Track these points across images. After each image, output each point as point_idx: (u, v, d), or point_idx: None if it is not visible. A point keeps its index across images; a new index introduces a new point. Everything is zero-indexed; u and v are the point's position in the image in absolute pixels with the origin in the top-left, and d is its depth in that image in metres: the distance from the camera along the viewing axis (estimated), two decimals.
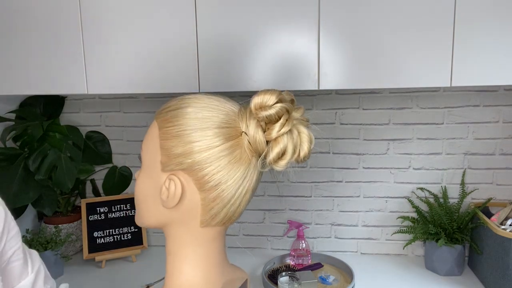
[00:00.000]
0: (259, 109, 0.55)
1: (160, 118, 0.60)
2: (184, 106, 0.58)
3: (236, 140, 0.57)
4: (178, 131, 0.57)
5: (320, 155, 1.63)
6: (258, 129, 0.56)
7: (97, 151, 1.67)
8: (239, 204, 0.59)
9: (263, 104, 0.55)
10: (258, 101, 0.55)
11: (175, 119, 0.58)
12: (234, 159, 0.56)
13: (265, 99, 0.55)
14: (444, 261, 1.45)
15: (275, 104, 0.55)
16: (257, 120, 0.56)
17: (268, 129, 0.56)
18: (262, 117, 0.55)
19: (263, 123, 0.56)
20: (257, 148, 0.56)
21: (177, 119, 0.57)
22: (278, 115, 0.55)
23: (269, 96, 0.55)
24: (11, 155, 1.48)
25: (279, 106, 0.55)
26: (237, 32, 1.21)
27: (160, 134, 0.59)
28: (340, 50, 1.18)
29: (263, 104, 0.55)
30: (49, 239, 1.48)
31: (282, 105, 0.55)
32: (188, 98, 0.60)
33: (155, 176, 0.60)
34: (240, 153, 0.57)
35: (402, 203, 1.61)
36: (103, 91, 1.29)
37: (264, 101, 0.55)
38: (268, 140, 0.56)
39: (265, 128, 0.56)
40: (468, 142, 1.54)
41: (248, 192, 0.59)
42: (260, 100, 0.55)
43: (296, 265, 1.55)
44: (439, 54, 1.14)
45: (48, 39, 1.28)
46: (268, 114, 0.55)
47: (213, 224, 0.60)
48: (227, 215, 0.59)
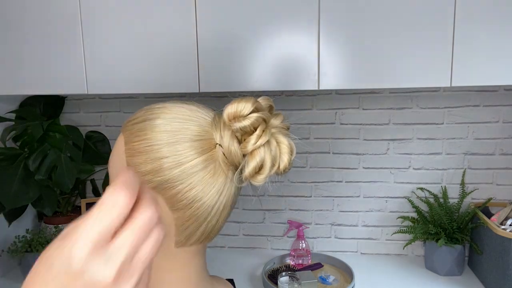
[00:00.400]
0: (232, 120, 0.50)
1: (126, 132, 0.54)
2: (152, 118, 0.53)
3: (210, 153, 0.52)
4: (146, 146, 0.51)
5: (320, 155, 1.63)
6: (234, 140, 0.51)
7: (97, 151, 1.67)
8: (216, 221, 0.55)
9: (237, 114, 0.50)
10: (231, 110, 0.50)
11: (142, 132, 0.52)
12: (209, 174, 0.51)
13: (239, 108, 0.50)
14: (444, 261, 1.45)
15: (250, 114, 0.50)
16: (232, 130, 0.51)
17: (244, 140, 0.51)
18: (236, 129, 0.50)
19: (238, 134, 0.51)
20: (233, 161, 0.51)
21: (144, 132, 0.52)
22: (254, 126, 0.50)
23: (243, 104, 0.50)
24: (11, 155, 1.48)
25: (255, 117, 0.50)
26: (237, 32, 1.21)
27: (126, 149, 0.53)
28: (340, 50, 1.18)
29: (237, 114, 0.50)
30: (49, 239, 1.48)
31: (258, 114, 0.50)
32: (157, 108, 0.54)
33: None
34: (215, 167, 0.52)
35: (402, 203, 1.61)
36: (103, 91, 1.29)
37: (238, 111, 0.50)
38: (244, 153, 0.51)
39: (241, 139, 0.52)
40: (468, 142, 1.54)
41: (226, 208, 0.55)
42: (233, 110, 0.50)
43: (296, 265, 1.55)
44: (439, 54, 1.14)
45: (48, 39, 1.28)
46: (243, 125, 0.50)
47: (190, 244, 0.55)
48: (204, 234, 0.55)
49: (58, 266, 0.30)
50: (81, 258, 0.30)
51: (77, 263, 0.30)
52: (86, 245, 0.30)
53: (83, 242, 0.30)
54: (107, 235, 0.31)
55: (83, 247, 0.30)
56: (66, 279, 0.30)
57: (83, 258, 0.30)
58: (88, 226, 0.30)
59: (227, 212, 0.56)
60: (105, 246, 0.31)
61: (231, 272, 1.54)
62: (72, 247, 0.30)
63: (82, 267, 0.30)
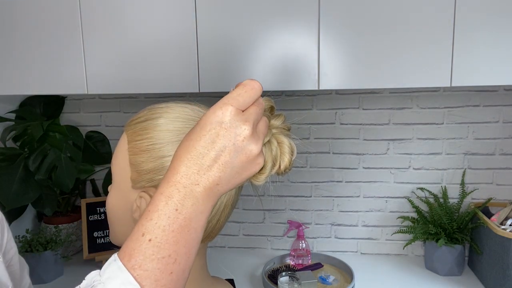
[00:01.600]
0: None
1: (129, 131, 0.55)
2: (155, 117, 0.54)
3: None
4: (148, 145, 0.52)
5: (320, 155, 1.63)
6: None
7: (97, 151, 1.67)
8: (217, 220, 0.55)
9: None
10: None
11: (145, 131, 0.53)
12: None
13: None
14: (444, 261, 1.45)
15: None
16: None
17: None
18: None
19: None
20: None
21: (147, 131, 0.53)
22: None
23: None
24: (11, 155, 1.48)
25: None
26: (237, 32, 1.21)
27: (129, 148, 0.54)
28: (340, 50, 1.18)
29: None
30: (49, 239, 1.48)
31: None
32: (160, 108, 0.55)
33: (125, 194, 0.55)
34: None
35: (402, 203, 1.61)
36: (103, 91, 1.29)
37: None
38: None
39: None
40: (468, 142, 1.54)
41: (227, 207, 0.55)
42: None
43: (296, 265, 1.55)
44: (439, 54, 1.14)
45: (48, 39, 1.28)
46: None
47: None
48: (205, 232, 0.55)
49: (213, 121, 0.42)
50: (230, 116, 0.42)
51: (228, 118, 0.42)
52: (233, 109, 0.42)
53: (231, 106, 0.43)
54: (245, 106, 0.44)
55: (232, 110, 0.42)
56: (219, 129, 0.42)
57: (231, 116, 0.42)
58: (234, 97, 0.43)
59: (228, 212, 0.56)
60: (242, 112, 0.43)
61: (231, 272, 1.54)
62: (222, 108, 0.42)
63: (230, 121, 0.42)
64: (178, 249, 0.41)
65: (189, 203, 0.41)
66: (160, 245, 0.40)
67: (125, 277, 0.39)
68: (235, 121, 0.42)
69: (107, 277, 0.40)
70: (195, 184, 0.42)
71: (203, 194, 0.42)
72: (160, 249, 0.40)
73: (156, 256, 0.40)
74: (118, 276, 0.39)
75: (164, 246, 0.40)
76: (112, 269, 0.40)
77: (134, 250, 0.40)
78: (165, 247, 0.40)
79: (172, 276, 0.41)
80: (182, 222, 0.41)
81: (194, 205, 0.42)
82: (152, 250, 0.40)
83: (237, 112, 0.43)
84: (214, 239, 0.56)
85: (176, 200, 0.41)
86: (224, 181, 0.43)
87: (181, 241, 0.41)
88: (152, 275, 0.40)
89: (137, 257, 0.40)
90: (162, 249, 0.40)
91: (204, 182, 0.42)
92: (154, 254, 0.40)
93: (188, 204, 0.41)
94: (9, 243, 0.73)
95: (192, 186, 0.42)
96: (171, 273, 0.41)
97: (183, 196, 0.41)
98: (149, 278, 0.40)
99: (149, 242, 0.40)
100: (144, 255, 0.40)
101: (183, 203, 0.41)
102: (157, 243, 0.40)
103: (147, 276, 0.40)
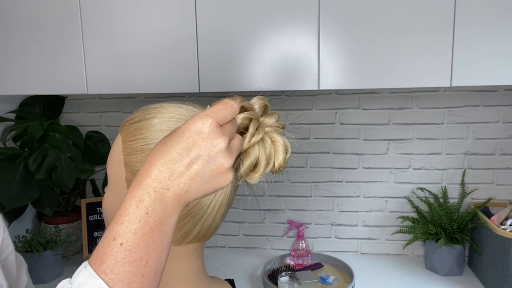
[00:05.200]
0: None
1: (123, 131, 0.55)
2: (148, 117, 0.54)
3: None
4: (142, 145, 0.52)
5: (320, 155, 1.63)
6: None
7: (97, 151, 1.67)
8: (213, 220, 0.55)
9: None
10: None
11: (139, 132, 0.53)
12: None
13: None
14: (444, 261, 1.45)
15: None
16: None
17: None
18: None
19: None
20: None
21: (141, 132, 0.53)
22: (242, 127, 0.50)
23: None
24: (11, 155, 1.48)
25: (240, 118, 0.50)
26: (237, 32, 1.21)
27: (123, 149, 0.54)
28: (340, 50, 1.18)
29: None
30: (49, 239, 1.48)
31: (244, 115, 0.50)
32: (154, 108, 0.55)
33: (121, 194, 0.55)
34: None
35: (402, 203, 1.61)
36: (103, 91, 1.29)
37: None
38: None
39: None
40: (468, 142, 1.54)
41: (222, 206, 0.55)
42: None
43: (296, 265, 1.55)
44: (439, 54, 1.14)
45: (48, 39, 1.28)
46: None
47: (186, 242, 0.56)
48: (200, 232, 0.55)
49: (192, 130, 0.43)
50: (209, 127, 0.43)
51: (207, 129, 0.43)
52: (213, 121, 0.44)
53: (212, 119, 0.44)
54: (223, 121, 0.45)
55: (212, 122, 0.43)
56: (197, 138, 0.43)
57: (210, 127, 0.43)
58: (215, 111, 0.44)
59: (223, 211, 0.56)
60: (220, 126, 0.44)
61: (231, 272, 1.54)
62: (203, 119, 0.43)
63: (208, 132, 0.43)
64: (149, 251, 0.42)
65: (159, 207, 0.42)
66: (131, 249, 0.41)
67: (96, 283, 0.40)
68: (213, 133, 0.43)
69: (78, 283, 0.40)
70: (165, 189, 0.42)
71: (173, 199, 0.43)
72: (132, 253, 0.41)
73: (127, 260, 0.41)
74: (89, 282, 0.40)
75: (135, 249, 0.41)
76: (83, 275, 0.41)
77: (105, 255, 0.41)
78: (136, 250, 0.41)
79: (144, 279, 0.42)
80: (153, 225, 0.42)
81: (164, 209, 0.42)
82: (124, 254, 0.41)
83: (216, 125, 0.44)
84: (212, 238, 0.57)
85: (146, 204, 0.42)
86: (193, 189, 0.44)
87: (152, 244, 0.42)
88: (124, 279, 0.40)
89: (109, 261, 0.40)
90: (133, 253, 0.41)
91: (175, 188, 0.43)
92: (126, 258, 0.41)
93: (158, 207, 0.42)
94: (5, 241, 0.73)
95: (162, 190, 0.42)
96: (143, 275, 0.41)
97: (154, 199, 0.42)
98: (121, 282, 0.40)
99: (121, 246, 0.41)
100: (116, 259, 0.40)
101: (154, 206, 0.42)
102: (128, 247, 0.41)
103: (119, 279, 0.40)
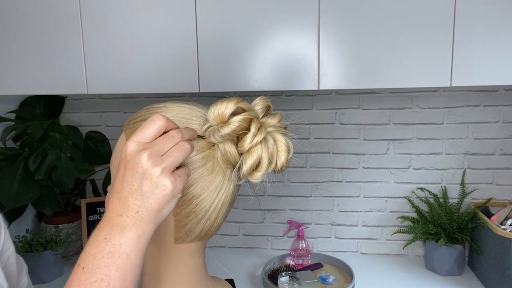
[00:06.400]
0: (220, 123, 0.51)
1: (127, 130, 0.57)
2: None
3: (208, 151, 0.53)
4: None
5: (320, 155, 1.63)
6: (228, 142, 0.52)
7: (97, 151, 1.67)
8: (215, 219, 0.56)
9: (221, 118, 0.51)
10: (213, 115, 0.51)
11: None
12: (207, 171, 0.53)
13: (220, 111, 0.51)
14: (444, 261, 1.45)
15: (233, 116, 0.51)
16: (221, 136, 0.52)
17: (241, 139, 0.52)
18: (222, 136, 0.51)
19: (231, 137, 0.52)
20: (230, 160, 0.53)
21: None
22: (241, 129, 0.51)
23: (224, 106, 0.51)
24: (11, 155, 1.48)
25: (239, 119, 0.50)
26: (237, 32, 1.21)
27: None
28: (340, 50, 1.18)
29: (221, 118, 0.51)
30: (49, 239, 1.48)
31: (242, 116, 0.51)
32: (158, 108, 0.56)
33: None
34: (213, 165, 0.53)
35: (402, 203, 1.61)
36: (103, 91, 1.29)
37: (219, 114, 0.51)
38: (241, 152, 0.52)
39: (236, 140, 0.52)
40: (468, 142, 1.54)
41: (224, 205, 0.55)
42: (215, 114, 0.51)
43: (296, 265, 1.55)
44: (439, 54, 1.14)
45: (48, 38, 1.28)
46: (226, 133, 0.51)
47: (189, 241, 0.56)
48: (203, 231, 0.56)
49: (121, 158, 0.47)
50: (130, 149, 0.46)
51: (129, 151, 0.46)
52: (132, 142, 0.46)
53: (130, 141, 0.46)
54: (146, 138, 0.47)
55: (131, 143, 0.46)
56: (125, 163, 0.46)
57: (130, 149, 0.46)
58: (136, 133, 0.47)
59: (225, 210, 0.57)
60: (142, 143, 0.46)
61: (231, 272, 1.54)
62: (125, 145, 0.46)
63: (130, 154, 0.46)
64: (110, 273, 0.45)
65: (116, 231, 0.46)
66: (92, 271, 0.44)
67: None
68: (134, 152, 0.46)
69: None
70: (119, 215, 0.46)
71: (129, 222, 0.46)
72: (92, 274, 0.44)
73: (88, 281, 0.44)
74: None
75: (95, 271, 0.44)
76: None
77: (72, 280, 0.45)
78: (96, 272, 0.44)
79: None
80: (111, 248, 0.45)
81: (121, 233, 0.46)
82: (85, 276, 0.44)
83: (136, 144, 0.46)
84: (212, 238, 0.58)
85: (105, 231, 0.46)
86: (142, 208, 0.46)
87: (112, 266, 0.45)
88: None
89: (73, 285, 0.45)
90: (93, 274, 0.44)
91: (126, 213, 0.46)
92: (87, 279, 0.44)
93: (115, 232, 0.46)
94: (6, 243, 0.73)
95: (117, 218, 0.46)
96: None
97: (111, 226, 0.46)
98: None
99: (83, 270, 0.45)
100: (79, 281, 0.44)
101: (111, 232, 0.46)
102: (89, 270, 0.44)
103: None
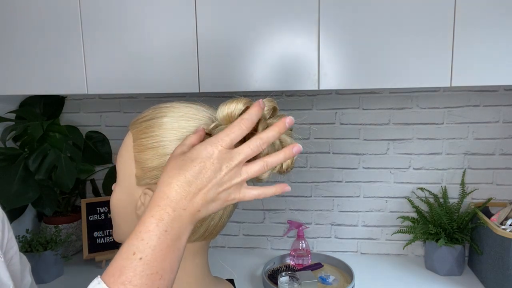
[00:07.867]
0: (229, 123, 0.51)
1: (134, 129, 0.57)
2: (159, 116, 0.55)
3: None
4: (153, 143, 0.54)
5: (320, 155, 1.63)
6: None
7: (97, 151, 1.67)
8: (219, 218, 0.56)
9: (231, 120, 0.51)
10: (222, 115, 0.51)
11: (150, 129, 0.55)
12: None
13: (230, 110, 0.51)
14: (444, 261, 1.45)
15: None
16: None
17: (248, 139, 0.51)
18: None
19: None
20: None
21: (152, 129, 0.54)
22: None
23: (234, 106, 0.51)
24: (11, 155, 1.48)
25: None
26: (237, 32, 1.21)
27: (134, 146, 0.56)
28: (340, 50, 1.18)
29: (231, 120, 0.51)
30: (49, 239, 1.48)
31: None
32: (165, 107, 0.56)
33: (130, 190, 0.57)
34: None
35: (402, 203, 1.61)
36: (103, 91, 1.29)
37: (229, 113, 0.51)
38: None
39: (243, 141, 0.51)
40: (468, 142, 1.54)
41: (229, 206, 0.55)
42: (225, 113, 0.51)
43: (296, 265, 1.55)
44: (439, 54, 1.14)
45: (48, 39, 1.28)
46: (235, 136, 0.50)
47: (193, 240, 0.57)
48: (207, 230, 0.57)
49: (203, 156, 0.47)
50: (218, 153, 0.47)
51: (216, 155, 0.47)
52: (221, 147, 0.47)
53: (220, 145, 0.47)
54: (232, 144, 0.48)
55: (220, 148, 0.47)
56: (207, 163, 0.46)
57: (219, 153, 0.47)
58: (222, 137, 0.47)
59: (230, 210, 0.58)
60: (229, 150, 0.47)
61: (231, 272, 1.54)
62: (212, 145, 0.47)
63: (217, 157, 0.47)
64: (164, 266, 0.45)
65: (176, 225, 0.46)
66: (150, 263, 0.44)
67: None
68: (221, 159, 0.47)
69: None
70: (182, 209, 0.46)
71: (188, 218, 0.47)
72: (150, 267, 0.44)
73: (145, 273, 0.44)
74: None
75: (153, 263, 0.45)
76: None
77: (125, 268, 0.44)
78: (154, 265, 0.45)
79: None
80: (170, 242, 0.46)
81: (180, 227, 0.47)
82: (142, 267, 0.44)
83: (224, 151, 0.47)
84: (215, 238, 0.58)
85: (166, 222, 0.46)
86: (204, 208, 0.48)
87: (167, 259, 0.46)
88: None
89: (128, 274, 0.44)
90: (151, 267, 0.44)
91: (190, 208, 0.47)
92: (144, 271, 0.44)
93: (175, 226, 0.46)
94: (10, 242, 0.73)
95: (180, 210, 0.46)
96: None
97: (172, 218, 0.46)
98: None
99: (140, 260, 0.44)
100: (135, 271, 0.44)
101: (172, 225, 0.46)
102: (147, 261, 0.44)
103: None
